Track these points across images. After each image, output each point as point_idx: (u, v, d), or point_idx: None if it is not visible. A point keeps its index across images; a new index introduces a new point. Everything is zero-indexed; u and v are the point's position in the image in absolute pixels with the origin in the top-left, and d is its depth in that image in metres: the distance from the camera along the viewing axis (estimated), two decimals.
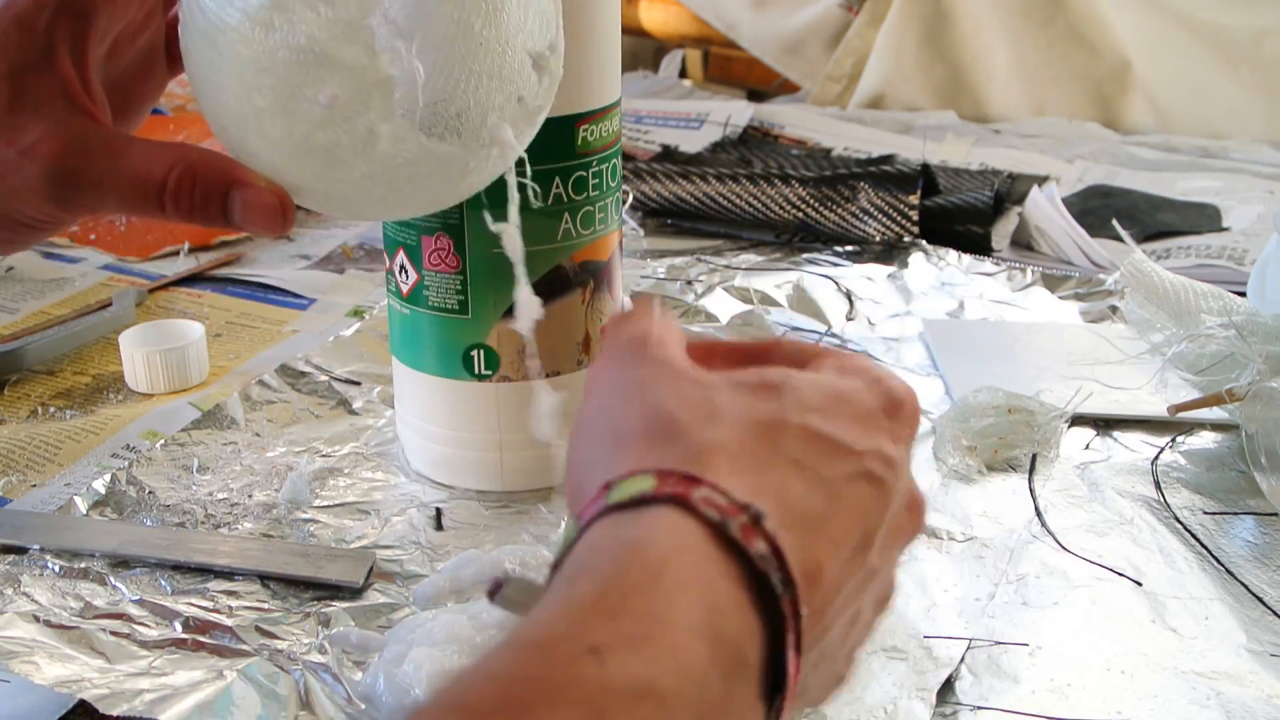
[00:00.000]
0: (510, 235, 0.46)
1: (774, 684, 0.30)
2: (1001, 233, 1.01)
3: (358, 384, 0.73)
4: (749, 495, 0.31)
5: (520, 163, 0.46)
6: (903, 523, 0.36)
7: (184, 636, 0.50)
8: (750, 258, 0.95)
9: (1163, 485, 0.63)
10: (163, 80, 0.50)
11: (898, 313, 0.86)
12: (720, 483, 0.31)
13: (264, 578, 0.54)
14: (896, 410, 0.36)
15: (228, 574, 0.55)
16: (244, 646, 0.50)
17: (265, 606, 0.53)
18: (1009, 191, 1.07)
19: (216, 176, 0.42)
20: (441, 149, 0.42)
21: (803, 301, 0.86)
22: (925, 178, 0.99)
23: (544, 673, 0.26)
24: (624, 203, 0.98)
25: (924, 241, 0.97)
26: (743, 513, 0.30)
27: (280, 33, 0.40)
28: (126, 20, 0.45)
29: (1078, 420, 0.68)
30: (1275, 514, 0.60)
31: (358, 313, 0.85)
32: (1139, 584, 0.55)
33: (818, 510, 0.32)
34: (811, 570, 0.31)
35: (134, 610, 0.52)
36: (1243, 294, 0.72)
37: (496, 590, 0.33)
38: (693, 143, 1.25)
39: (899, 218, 0.97)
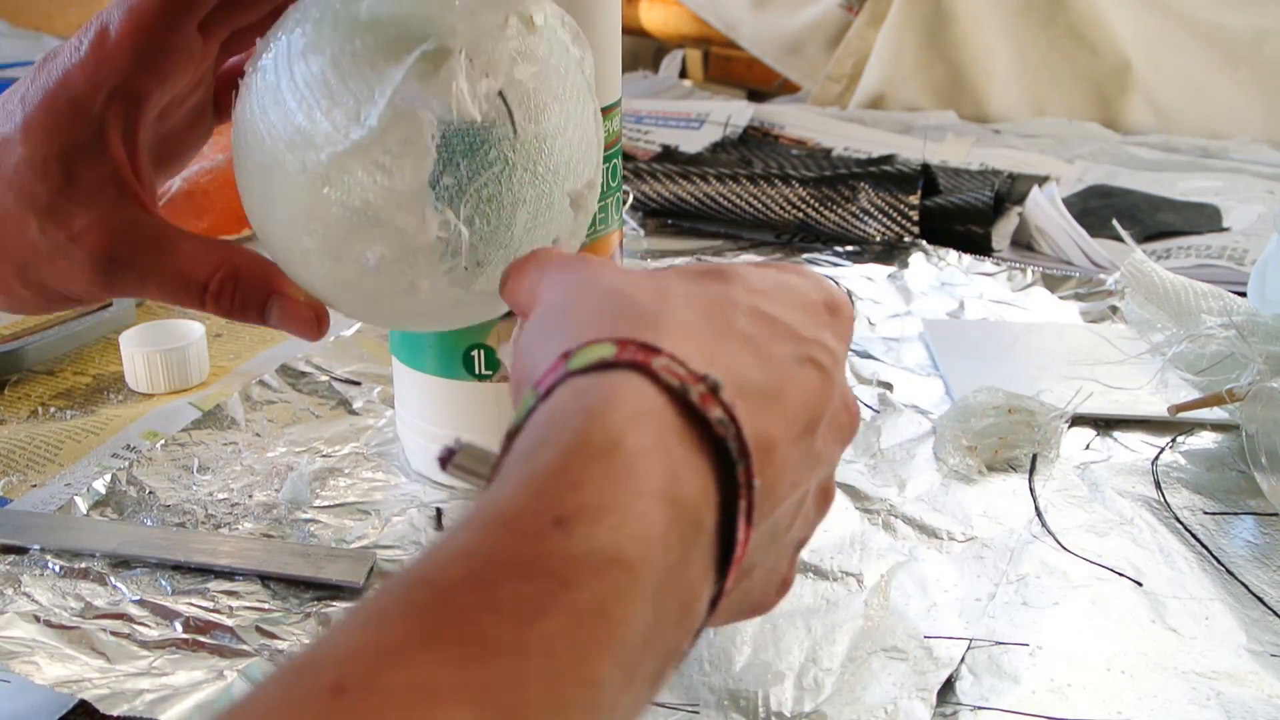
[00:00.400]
0: None
1: (724, 555, 0.31)
2: (1002, 233, 1.01)
3: (358, 384, 0.73)
4: (704, 367, 0.31)
5: None
6: (842, 420, 0.37)
7: (184, 636, 0.50)
8: (750, 257, 0.95)
9: (1163, 485, 0.63)
10: (209, 131, 0.50)
11: (898, 313, 0.86)
12: (677, 353, 0.31)
13: (264, 578, 0.54)
14: (835, 310, 0.38)
15: (228, 574, 0.55)
16: (244, 646, 0.50)
17: (266, 607, 0.53)
18: (1009, 191, 1.07)
19: (258, 284, 0.44)
20: (480, 297, 0.44)
21: None
22: (925, 178, 1.00)
23: (510, 547, 0.26)
24: (624, 203, 0.98)
25: (924, 241, 0.97)
26: (700, 381, 0.31)
27: (337, 191, 0.40)
28: (177, 92, 0.45)
29: (1078, 420, 0.69)
30: (1276, 514, 0.60)
31: None
32: (1139, 584, 0.55)
33: (770, 386, 0.33)
34: (764, 443, 0.32)
35: (134, 610, 0.52)
36: (1243, 294, 0.72)
37: (448, 458, 0.33)
38: (693, 143, 1.25)
39: (899, 218, 0.97)
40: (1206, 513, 0.61)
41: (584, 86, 0.44)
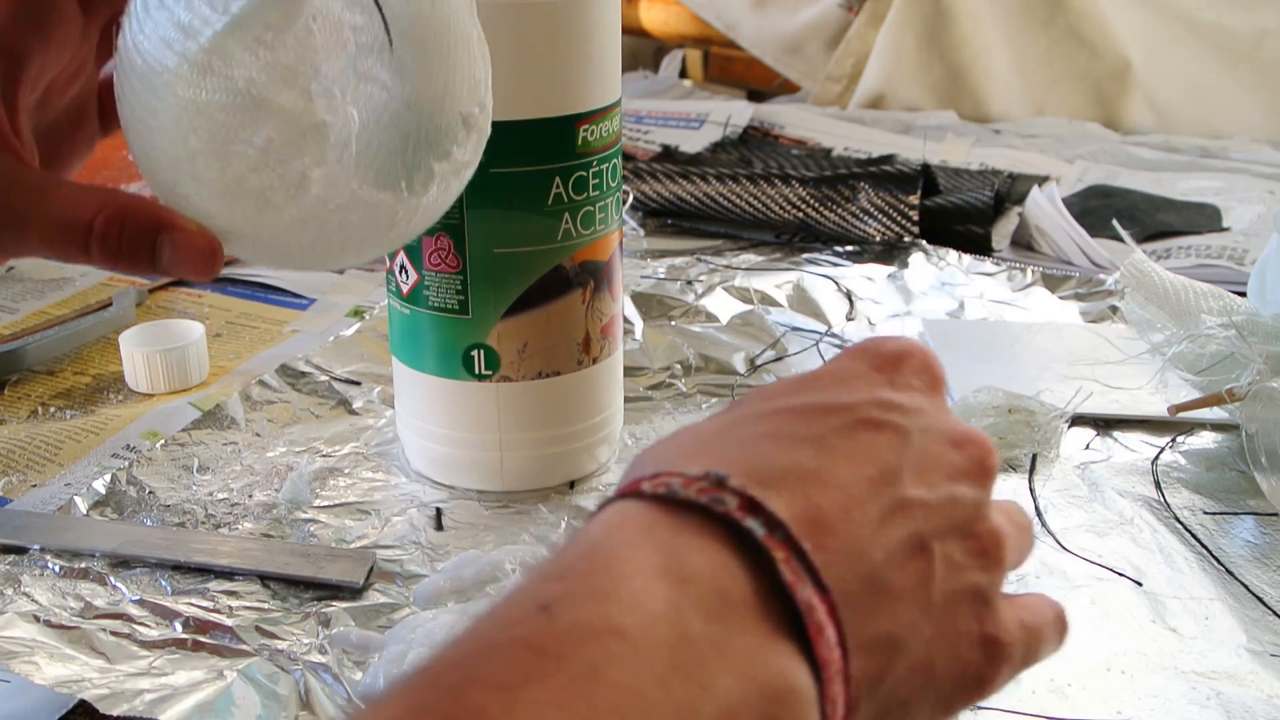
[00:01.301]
0: None
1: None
2: (1002, 233, 1.01)
3: (358, 384, 0.73)
4: (702, 469, 0.30)
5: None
6: (945, 456, 0.33)
7: (184, 636, 0.50)
8: (750, 258, 0.95)
9: (1163, 485, 0.63)
10: (93, 138, 0.49)
11: (898, 313, 0.86)
12: (673, 469, 0.30)
13: (264, 578, 0.54)
14: (895, 364, 0.36)
15: (228, 574, 0.55)
16: (244, 646, 0.50)
17: (265, 606, 0.53)
18: (1009, 191, 1.07)
19: (145, 220, 0.41)
20: (372, 196, 0.43)
21: (803, 301, 0.86)
22: (925, 178, 1.00)
23: (495, 633, 0.26)
24: (624, 203, 0.98)
25: (924, 241, 0.97)
26: (696, 481, 0.29)
27: (218, 76, 0.40)
28: (59, 69, 0.44)
29: (1078, 420, 0.68)
30: (1275, 514, 0.60)
31: (358, 313, 0.85)
32: (1139, 584, 0.55)
33: (803, 464, 0.30)
34: (810, 515, 0.29)
35: (134, 610, 0.52)
36: (1243, 294, 0.72)
37: None
38: (693, 143, 1.25)
39: (899, 218, 0.97)
40: (1206, 513, 0.61)
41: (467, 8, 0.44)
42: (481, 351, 0.58)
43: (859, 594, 0.29)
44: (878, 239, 0.97)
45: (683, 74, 1.66)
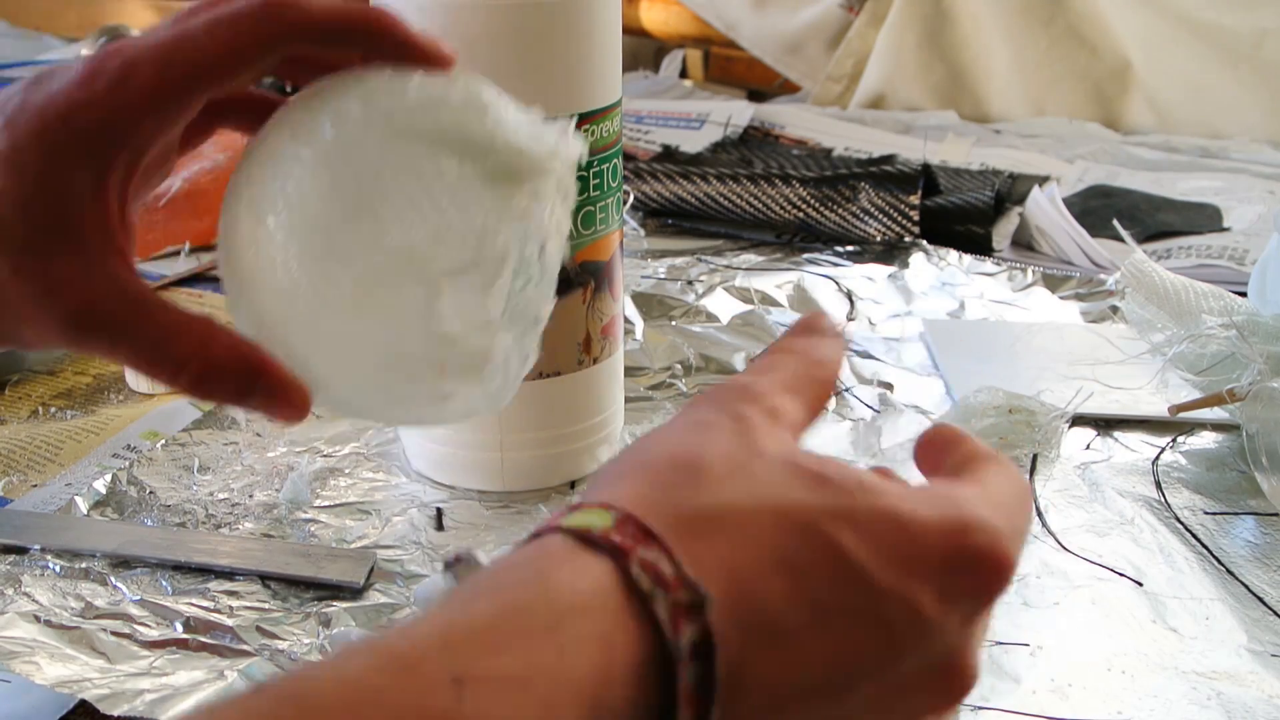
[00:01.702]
0: None
1: None
2: (1002, 233, 1.01)
3: None
4: (716, 579, 0.27)
5: None
6: (922, 684, 0.30)
7: (185, 636, 0.50)
8: (751, 258, 0.95)
9: (1163, 485, 0.63)
10: (170, 168, 0.45)
11: (898, 313, 0.86)
12: (680, 551, 0.27)
13: (265, 578, 0.54)
14: (966, 566, 0.29)
15: (228, 574, 0.55)
16: (245, 646, 0.50)
17: (266, 606, 0.53)
18: (1009, 191, 1.07)
19: (241, 366, 0.38)
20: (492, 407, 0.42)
21: (803, 301, 0.86)
22: (926, 178, 1.00)
23: (395, 692, 0.24)
24: (625, 203, 0.98)
25: (924, 241, 0.97)
26: (683, 589, 0.27)
27: (419, 316, 0.38)
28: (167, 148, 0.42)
29: (1078, 420, 0.68)
30: (1276, 514, 0.60)
31: None
32: (1139, 584, 0.55)
33: (789, 625, 0.28)
34: (749, 682, 0.27)
35: (135, 610, 0.52)
36: (1243, 294, 0.72)
37: (452, 565, 0.31)
38: (693, 143, 1.25)
39: (899, 218, 0.97)
40: (1207, 513, 0.61)
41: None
42: None
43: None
44: (878, 239, 0.97)
45: (683, 74, 1.66)
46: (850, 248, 0.97)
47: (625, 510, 0.28)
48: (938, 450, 0.35)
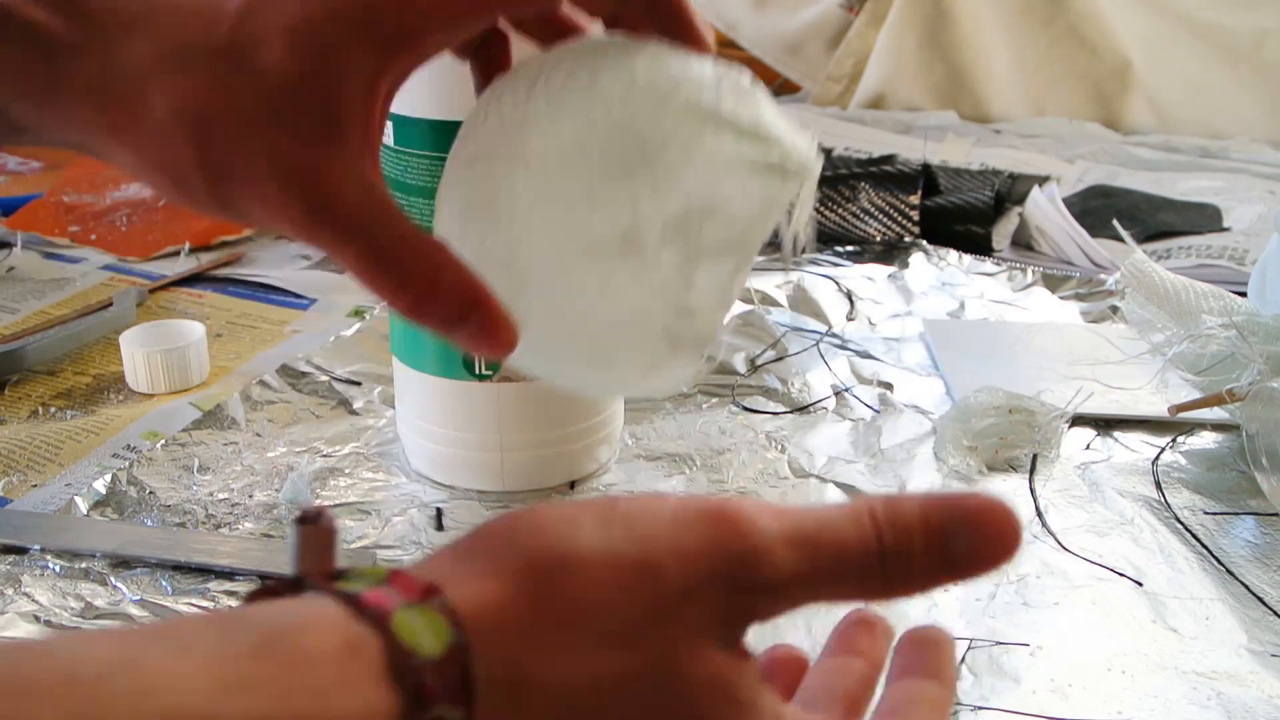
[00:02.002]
0: None
1: None
2: (1002, 233, 1.01)
3: (358, 384, 0.73)
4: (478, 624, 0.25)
5: None
6: None
7: None
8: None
9: (1163, 485, 0.63)
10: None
11: (898, 313, 0.86)
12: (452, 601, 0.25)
13: (264, 578, 0.54)
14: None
15: (228, 574, 0.55)
16: None
17: None
18: (1009, 191, 1.07)
19: (463, 291, 0.36)
20: (671, 376, 0.41)
21: (803, 301, 0.86)
22: (926, 178, 1.00)
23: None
24: None
25: (924, 241, 0.97)
26: (429, 598, 0.25)
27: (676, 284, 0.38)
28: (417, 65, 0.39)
29: (1078, 420, 0.68)
30: (1276, 514, 0.60)
31: (358, 313, 0.85)
32: (1139, 584, 0.55)
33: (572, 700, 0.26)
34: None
35: (135, 610, 0.52)
36: (1243, 294, 0.72)
37: (303, 521, 0.29)
38: None
39: (899, 218, 0.97)
40: (1207, 513, 0.61)
41: None
42: None
43: None
44: (878, 239, 0.97)
45: None
46: (850, 248, 0.97)
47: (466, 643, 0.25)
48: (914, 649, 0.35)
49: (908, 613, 0.52)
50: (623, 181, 0.36)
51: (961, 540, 0.29)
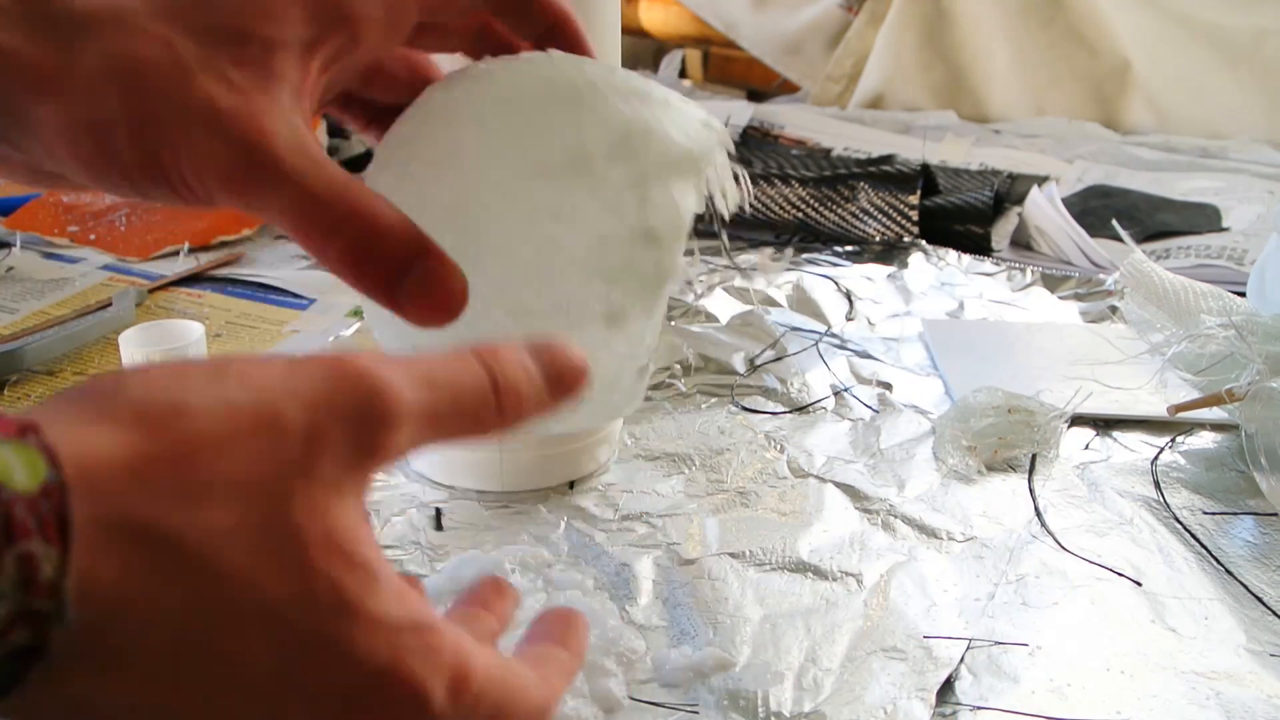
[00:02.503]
0: None
1: None
2: (1001, 233, 1.02)
3: None
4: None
5: None
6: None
7: None
8: (750, 258, 0.95)
9: (1162, 485, 0.63)
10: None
11: (897, 313, 0.86)
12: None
13: None
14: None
15: None
16: None
17: None
18: (1009, 191, 1.07)
19: (406, 237, 0.35)
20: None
21: (803, 301, 0.86)
22: (925, 178, 1.00)
23: None
24: None
25: (924, 241, 0.97)
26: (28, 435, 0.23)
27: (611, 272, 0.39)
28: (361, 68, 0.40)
29: (1077, 420, 0.69)
30: (1275, 514, 0.60)
31: (358, 313, 0.85)
32: (1139, 584, 0.55)
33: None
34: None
35: None
36: (1243, 294, 0.72)
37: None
38: None
39: (899, 218, 0.97)
40: (1206, 513, 0.61)
41: None
42: None
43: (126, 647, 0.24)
44: (877, 239, 0.97)
45: (683, 74, 1.66)
46: (850, 248, 0.97)
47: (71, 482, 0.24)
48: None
49: (906, 612, 0.52)
50: (564, 109, 0.37)
51: (553, 365, 0.32)
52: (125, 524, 0.24)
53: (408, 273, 0.35)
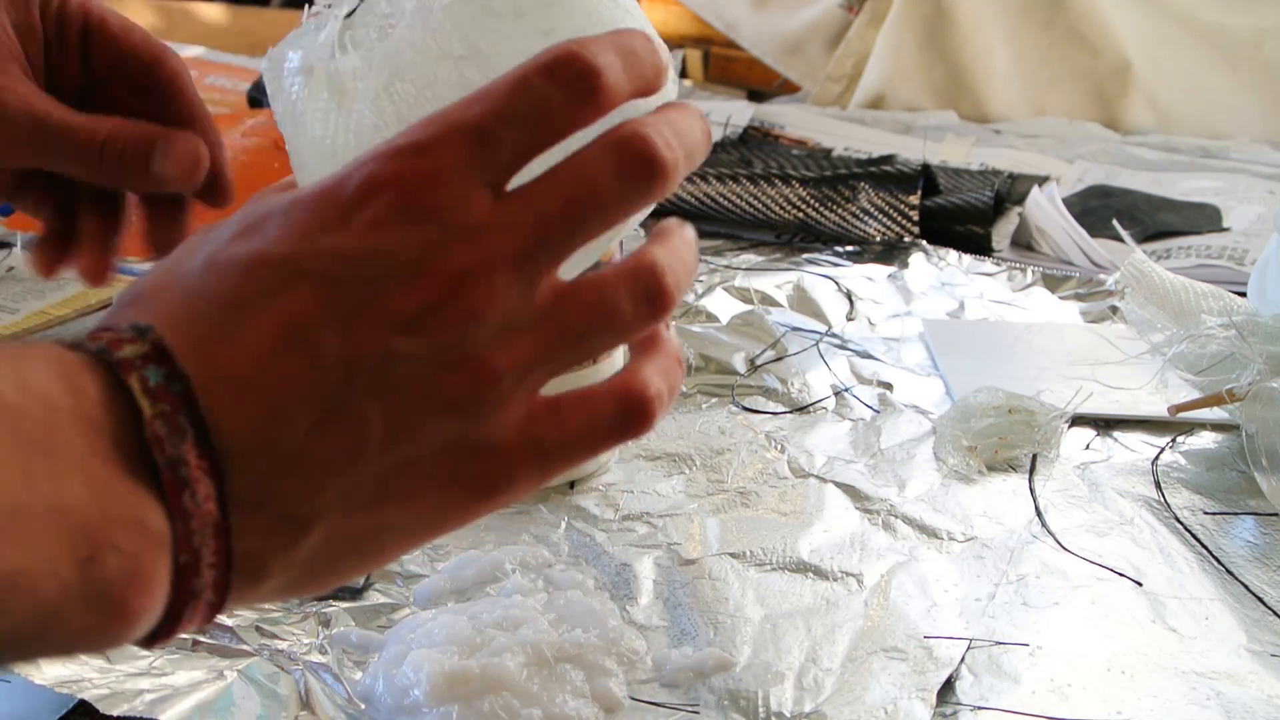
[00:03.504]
0: None
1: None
2: (1002, 233, 1.01)
3: None
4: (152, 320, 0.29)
5: None
6: (389, 303, 0.29)
7: (184, 636, 0.50)
8: (750, 258, 0.95)
9: (1163, 485, 0.63)
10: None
11: (898, 313, 0.86)
12: (114, 322, 0.29)
13: None
14: (359, 202, 0.29)
15: None
16: (244, 646, 0.50)
17: (265, 606, 0.52)
18: (1009, 191, 1.07)
19: (146, 130, 0.48)
20: None
21: (803, 301, 0.86)
22: (925, 178, 1.00)
23: None
24: None
25: (924, 242, 0.97)
26: (104, 335, 0.28)
27: None
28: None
29: (1078, 420, 0.69)
30: (1275, 514, 0.60)
31: None
32: (1139, 584, 0.55)
33: (222, 326, 0.28)
34: (224, 372, 0.28)
35: None
36: (1243, 294, 0.72)
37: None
38: None
39: (899, 218, 0.97)
40: (1206, 513, 0.61)
41: None
42: None
43: (265, 464, 0.28)
44: (878, 239, 0.97)
45: (683, 74, 1.66)
46: (850, 248, 0.97)
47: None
48: None
49: (906, 612, 0.52)
50: (514, 21, 0.39)
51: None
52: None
53: (155, 154, 0.48)
